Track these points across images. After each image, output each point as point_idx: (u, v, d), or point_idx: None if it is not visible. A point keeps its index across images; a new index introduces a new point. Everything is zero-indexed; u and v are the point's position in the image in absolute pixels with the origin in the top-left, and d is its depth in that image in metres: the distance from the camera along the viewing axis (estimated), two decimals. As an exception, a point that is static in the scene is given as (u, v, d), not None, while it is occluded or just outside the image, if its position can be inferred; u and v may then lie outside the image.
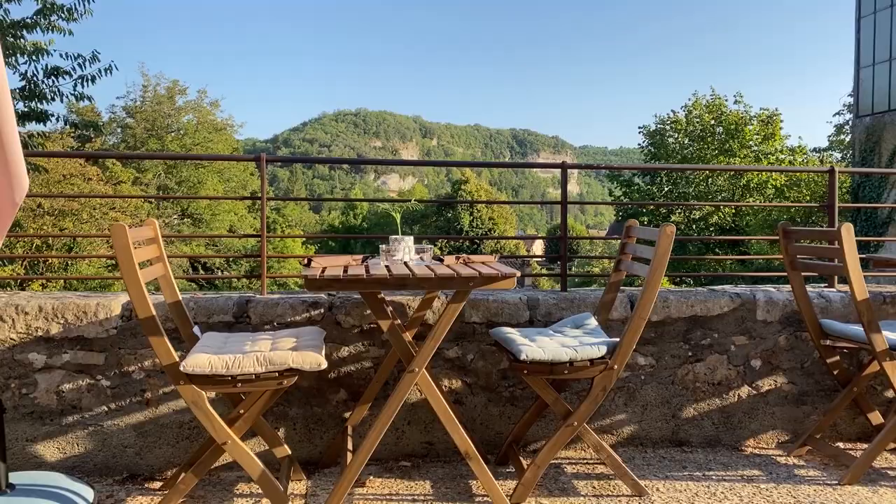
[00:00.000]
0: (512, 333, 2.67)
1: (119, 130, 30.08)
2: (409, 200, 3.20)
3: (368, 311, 2.91)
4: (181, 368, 2.22)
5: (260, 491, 2.63)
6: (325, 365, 2.30)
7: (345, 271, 2.36)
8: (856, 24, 17.42)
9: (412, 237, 2.72)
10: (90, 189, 17.29)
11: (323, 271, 2.35)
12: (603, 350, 2.49)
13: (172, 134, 30.36)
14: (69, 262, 16.09)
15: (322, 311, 2.89)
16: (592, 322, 2.83)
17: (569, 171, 3.41)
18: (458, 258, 2.68)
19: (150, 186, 27.93)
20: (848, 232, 2.69)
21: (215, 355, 2.26)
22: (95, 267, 18.03)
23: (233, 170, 31.75)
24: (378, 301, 2.38)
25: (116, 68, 11.41)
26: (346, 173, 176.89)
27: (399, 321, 2.80)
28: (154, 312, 2.23)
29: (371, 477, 2.76)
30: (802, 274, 3.08)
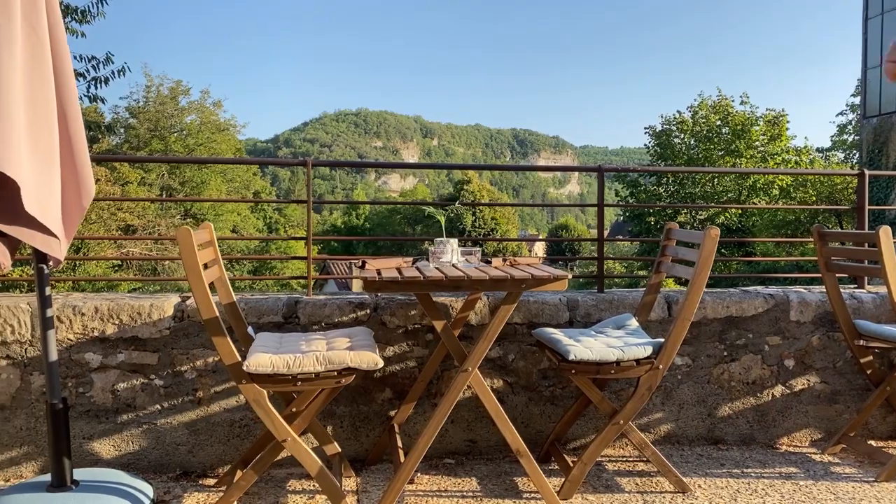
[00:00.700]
0: (557, 334, 2.74)
1: (122, 131, 30.15)
2: (454, 203, 3.27)
3: (413, 312, 2.97)
4: (244, 368, 2.29)
5: (311, 487, 2.70)
6: (381, 364, 2.37)
7: (399, 273, 2.43)
8: (863, 26, 17.49)
9: (456, 239, 2.79)
10: (98, 190, 17.36)
11: (379, 273, 2.42)
12: (649, 350, 2.56)
13: (175, 134, 30.47)
14: (77, 263, 16.16)
15: (368, 311, 2.96)
16: (634, 323, 2.89)
17: (570, 172, 3.46)
18: (504, 260, 2.74)
19: (154, 187, 28.03)
20: (886, 234, 2.76)
21: (276, 355, 2.33)
22: (103, 268, 18.12)
23: (236, 170, 31.90)
24: (432, 302, 2.45)
25: (129, 70, 11.48)
26: (346, 173, 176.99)
27: (444, 322, 2.86)
28: (217, 313, 2.29)
29: (418, 474, 2.83)
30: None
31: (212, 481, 2.78)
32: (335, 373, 2.34)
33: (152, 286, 15.60)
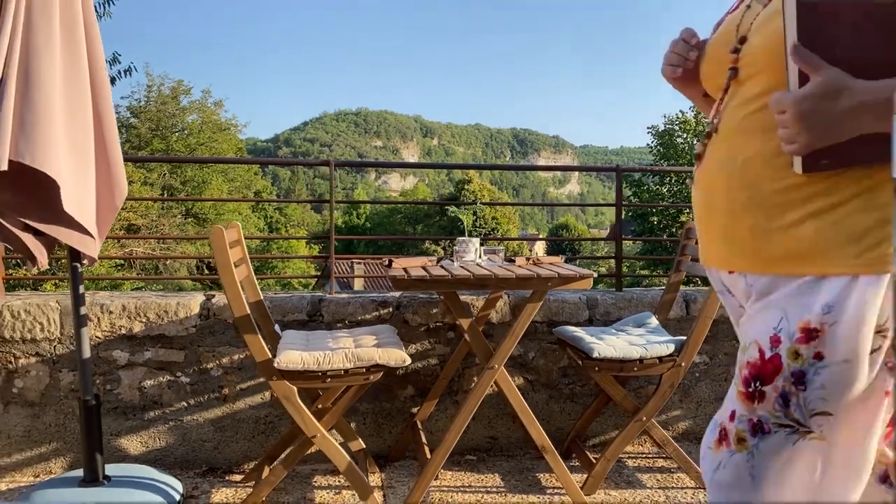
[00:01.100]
0: (579, 332, 2.77)
1: (124, 130, 30.13)
2: (475, 203, 3.26)
3: (435, 310, 3.01)
4: (275, 365, 2.32)
5: (336, 482, 2.74)
6: (409, 361, 2.41)
7: (427, 272, 2.46)
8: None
9: (478, 238, 2.83)
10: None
11: (406, 272, 2.46)
12: (672, 348, 2.59)
13: (177, 134, 30.48)
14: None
15: (390, 309, 2.99)
16: (654, 321, 2.93)
17: (570, 172, 3.49)
18: (528, 259, 2.78)
19: (156, 186, 28.03)
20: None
21: (305, 352, 2.36)
22: (106, 267, 18.15)
23: (237, 170, 31.92)
24: (459, 300, 2.49)
25: (136, 69, 11.54)
26: (346, 173, 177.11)
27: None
28: (249, 312, 2.33)
29: (441, 470, 2.86)
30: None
31: (238, 477, 2.81)
32: (364, 369, 2.38)
33: (155, 285, 15.64)
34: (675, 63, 1.39)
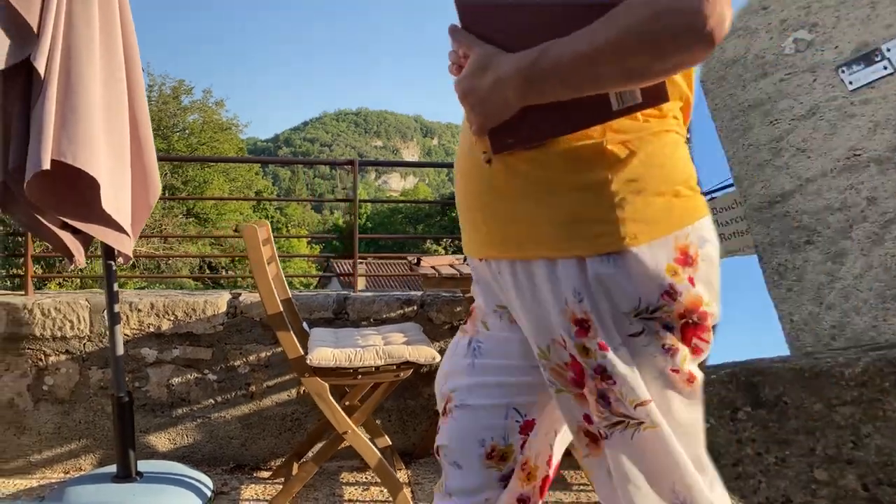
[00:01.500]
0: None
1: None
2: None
3: (458, 308, 3.04)
4: (308, 362, 2.35)
5: (364, 479, 2.77)
6: (438, 358, 2.43)
7: (457, 270, 2.49)
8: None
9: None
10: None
11: (436, 270, 2.49)
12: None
13: (178, 133, 30.50)
14: (87, 262, 16.14)
15: (415, 308, 3.02)
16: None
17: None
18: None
19: (157, 186, 27.99)
20: None
21: (336, 349, 2.39)
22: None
23: (238, 169, 31.94)
24: (488, 298, 2.51)
25: (142, 69, 11.56)
26: (346, 173, 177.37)
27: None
28: (281, 309, 2.36)
29: (466, 467, 2.89)
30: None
31: (265, 474, 2.84)
32: (394, 366, 2.40)
33: (158, 284, 15.67)
34: (452, 60, 1.38)
